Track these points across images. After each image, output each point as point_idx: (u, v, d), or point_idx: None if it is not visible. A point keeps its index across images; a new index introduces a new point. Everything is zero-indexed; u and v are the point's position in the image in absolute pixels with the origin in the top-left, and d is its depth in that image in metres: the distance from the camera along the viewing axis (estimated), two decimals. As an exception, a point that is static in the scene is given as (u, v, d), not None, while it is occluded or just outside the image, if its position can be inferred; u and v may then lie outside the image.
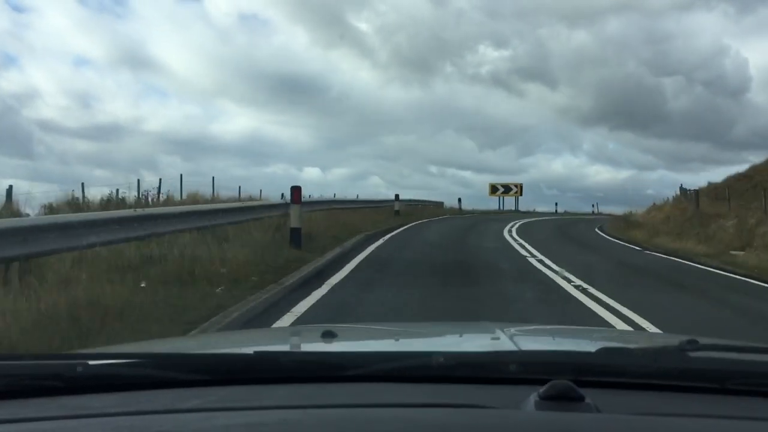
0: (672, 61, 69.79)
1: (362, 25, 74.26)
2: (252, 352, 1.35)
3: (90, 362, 1.26)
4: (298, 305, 7.02)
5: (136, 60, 69.57)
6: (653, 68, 71.09)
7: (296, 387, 1.22)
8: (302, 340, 2.02)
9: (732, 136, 74.17)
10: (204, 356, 1.54)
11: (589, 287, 8.96)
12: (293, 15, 79.33)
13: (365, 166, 72.16)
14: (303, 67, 79.15)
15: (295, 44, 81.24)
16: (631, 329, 6.25)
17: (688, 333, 1.57)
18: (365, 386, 1.22)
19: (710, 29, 76.15)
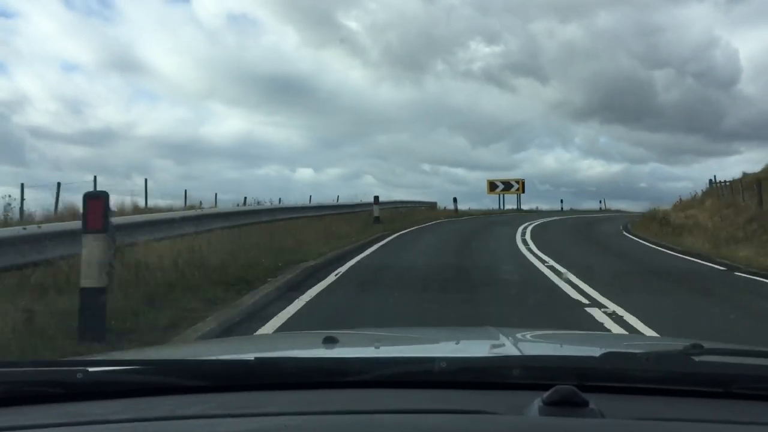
0: (663, 54, 70.15)
1: (352, 24, 74.43)
2: (253, 359, 1.34)
3: (90, 369, 1.25)
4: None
5: (126, 64, 69.41)
6: (644, 61, 71.47)
7: (298, 393, 1.21)
8: (303, 346, 2.01)
9: (723, 128, 74.63)
10: (205, 363, 1.53)
11: None
12: (282, 15, 79.78)
13: (358, 166, 72.12)
14: (294, 68, 79.05)
15: (286, 44, 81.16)
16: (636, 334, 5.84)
17: None
18: (367, 392, 1.21)
19: (700, 21, 76.68)
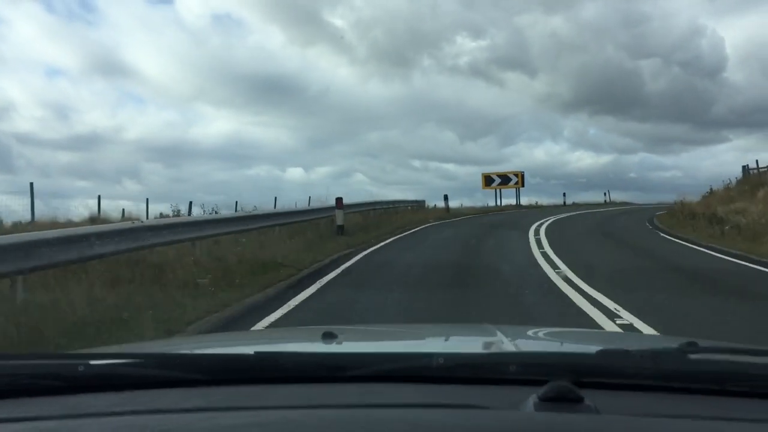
0: (649, 44, 69.44)
1: (338, 22, 73.10)
2: (253, 353, 1.35)
3: (91, 362, 1.26)
4: None
5: (110, 67, 67.68)
6: (631, 51, 70.75)
7: (297, 387, 1.22)
8: (303, 341, 2.02)
9: (711, 116, 74.49)
10: (205, 357, 1.54)
11: None
12: (267, 13, 78.08)
13: (349, 164, 70.95)
14: (281, 67, 77.60)
15: (271, 43, 79.40)
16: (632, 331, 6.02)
17: None
18: (366, 387, 1.22)
19: (686, 10, 76.06)
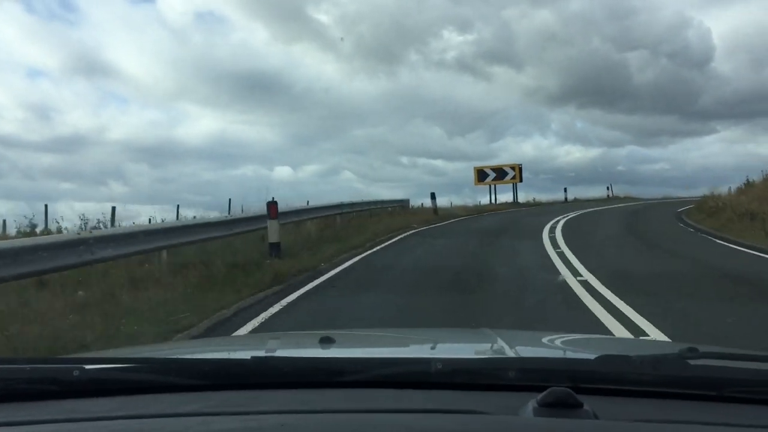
0: (636, 36, 69.13)
1: (323, 17, 72.38)
2: (249, 357, 1.34)
3: (87, 366, 1.26)
4: None
5: (93, 67, 66.80)
6: (618, 44, 70.52)
7: (294, 392, 1.22)
8: (300, 346, 2.02)
9: (698, 107, 74.37)
10: (201, 361, 1.53)
11: None
12: (250, 10, 77.19)
13: (336, 161, 69.81)
14: (265, 64, 76.52)
15: (255, 41, 78.18)
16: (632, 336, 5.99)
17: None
18: (363, 392, 1.21)
19: (673, 1, 75.48)
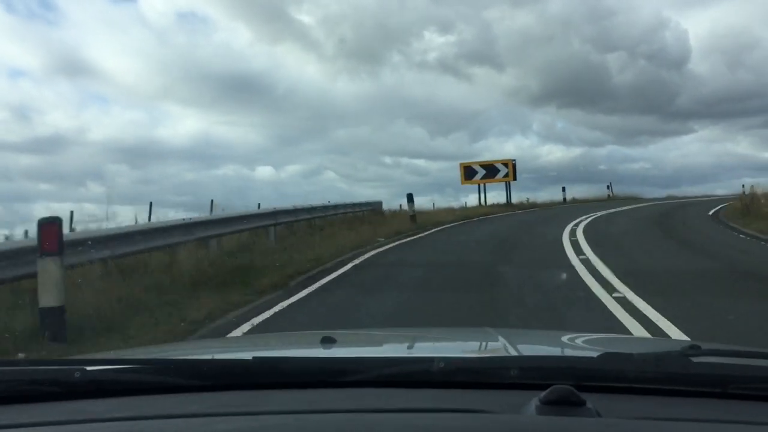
0: (615, 37, 70.40)
1: (305, 18, 72.75)
2: (251, 358, 1.34)
3: (88, 368, 1.25)
4: None
5: (74, 67, 66.48)
6: (597, 45, 72.01)
7: (296, 392, 1.22)
8: (302, 346, 2.01)
9: (677, 107, 75.68)
10: (203, 362, 1.53)
11: None
12: (233, 11, 77.03)
13: (319, 162, 69.65)
14: (248, 65, 76.57)
15: (238, 41, 78.19)
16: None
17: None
18: (365, 391, 1.21)
19: (650, 3, 77.20)
